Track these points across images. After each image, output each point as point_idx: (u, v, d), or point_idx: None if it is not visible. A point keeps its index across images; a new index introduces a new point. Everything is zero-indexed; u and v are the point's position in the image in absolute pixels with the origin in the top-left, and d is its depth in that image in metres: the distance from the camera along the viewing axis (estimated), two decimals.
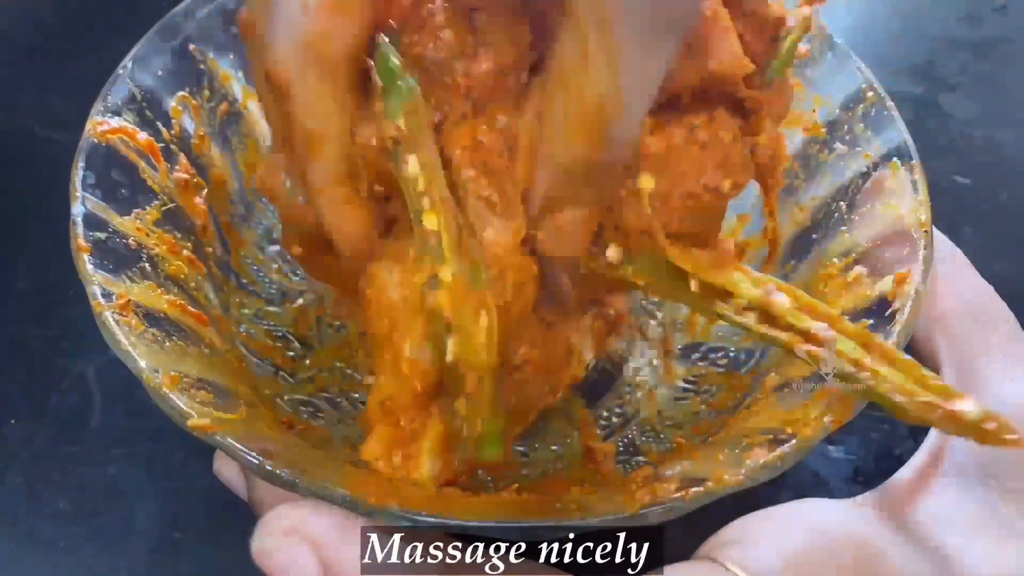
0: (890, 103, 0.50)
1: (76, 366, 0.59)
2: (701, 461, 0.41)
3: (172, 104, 0.52)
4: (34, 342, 0.60)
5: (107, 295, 0.40)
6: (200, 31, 0.54)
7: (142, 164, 0.48)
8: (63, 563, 0.51)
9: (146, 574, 0.51)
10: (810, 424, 0.38)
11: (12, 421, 0.56)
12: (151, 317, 0.42)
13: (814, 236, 0.51)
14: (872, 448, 0.55)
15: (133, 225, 0.45)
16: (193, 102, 0.53)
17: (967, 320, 0.43)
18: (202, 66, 0.54)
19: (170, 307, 0.44)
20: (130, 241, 0.44)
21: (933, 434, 0.41)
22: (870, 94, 0.51)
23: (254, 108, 0.58)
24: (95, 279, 0.41)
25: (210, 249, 0.51)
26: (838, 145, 0.52)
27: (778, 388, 0.44)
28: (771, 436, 0.39)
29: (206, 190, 0.53)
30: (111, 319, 0.39)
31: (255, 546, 0.32)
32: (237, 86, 0.57)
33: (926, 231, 0.44)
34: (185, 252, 0.48)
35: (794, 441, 0.37)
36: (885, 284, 0.43)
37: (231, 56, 0.56)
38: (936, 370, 0.42)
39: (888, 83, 0.81)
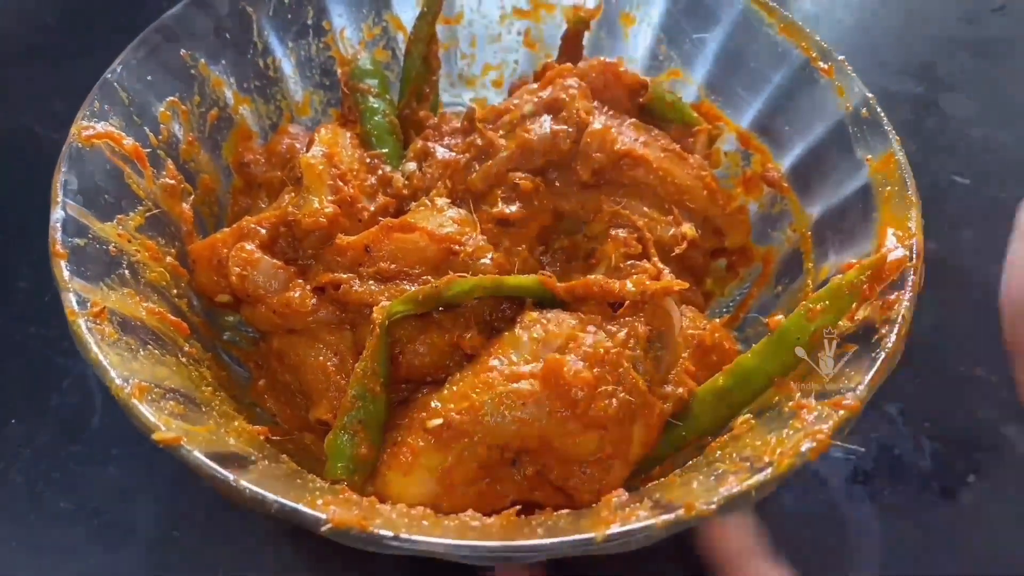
0: (886, 124, 0.49)
1: (76, 366, 0.59)
2: (676, 488, 0.40)
3: (161, 109, 0.51)
4: (34, 342, 0.60)
5: (82, 302, 0.40)
6: (192, 37, 0.54)
7: (127, 169, 0.47)
8: (63, 562, 0.51)
9: (146, 574, 0.51)
10: (788, 452, 0.37)
11: (13, 421, 0.57)
12: (126, 325, 0.42)
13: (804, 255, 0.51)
14: (872, 448, 0.55)
15: (114, 231, 0.45)
16: (183, 107, 0.53)
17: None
18: (193, 71, 0.54)
19: (148, 315, 0.44)
20: (111, 247, 0.44)
21: None
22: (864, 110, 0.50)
23: (246, 113, 0.58)
24: (71, 286, 0.41)
25: None
26: (832, 165, 0.51)
27: (757, 413, 0.43)
28: (748, 463, 0.38)
29: (193, 196, 0.52)
30: (83, 327, 0.39)
31: None
32: (228, 91, 0.56)
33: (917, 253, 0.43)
34: (168, 259, 0.48)
35: (769, 471, 0.36)
36: (869, 310, 0.42)
37: (223, 62, 0.56)
38: None
39: (888, 83, 0.81)
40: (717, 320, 0.53)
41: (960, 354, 0.60)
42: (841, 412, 0.38)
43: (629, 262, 0.49)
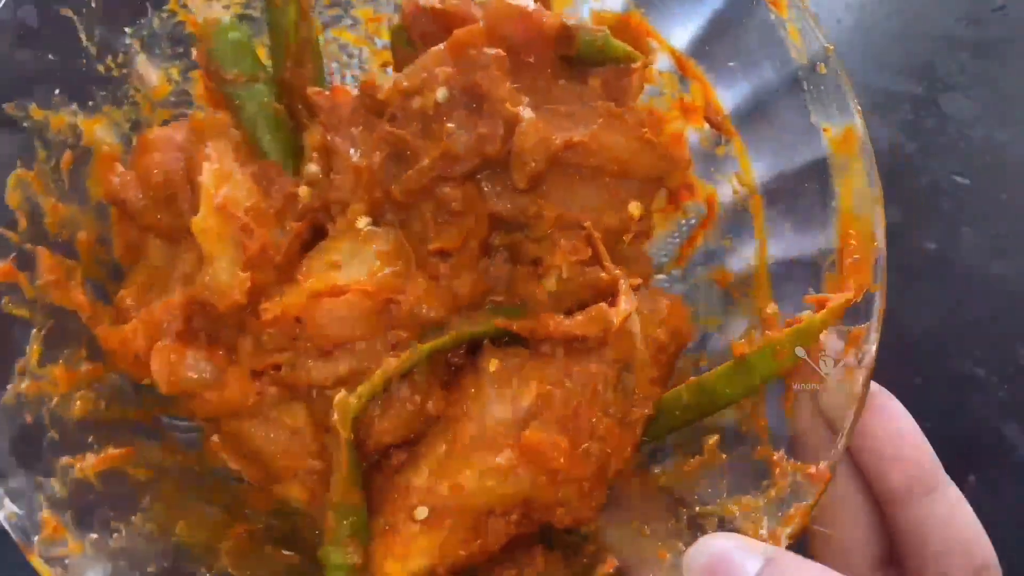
0: (846, 87, 0.44)
1: None
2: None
3: (8, 192, 0.43)
4: None
5: (26, 535, 0.37)
6: (10, 82, 0.42)
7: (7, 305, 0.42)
8: None
9: None
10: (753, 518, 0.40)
11: None
12: (81, 509, 0.39)
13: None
14: None
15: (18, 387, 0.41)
16: (30, 174, 0.44)
17: None
18: (27, 124, 0.44)
19: (99, 463, 0.42)
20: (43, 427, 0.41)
21: None
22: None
23: (101, 134, 0.49)
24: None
25: None
26: (784, 122, 0.47)
27: (724, 443, 0.45)
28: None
29: (79, 270, 0.46)
30: (43, 563, 0.37)
31: None
32: (74, 119, 0.47)
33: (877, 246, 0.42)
34: (84, 367, 0.44)
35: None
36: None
37: (56, 92, 0.45)
38: None
39: (888, 83, 0.81)
40: (662, 276, 0.52)
41: (960, 354, 0.60)
42: (816, 487, 0.39)
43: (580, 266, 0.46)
